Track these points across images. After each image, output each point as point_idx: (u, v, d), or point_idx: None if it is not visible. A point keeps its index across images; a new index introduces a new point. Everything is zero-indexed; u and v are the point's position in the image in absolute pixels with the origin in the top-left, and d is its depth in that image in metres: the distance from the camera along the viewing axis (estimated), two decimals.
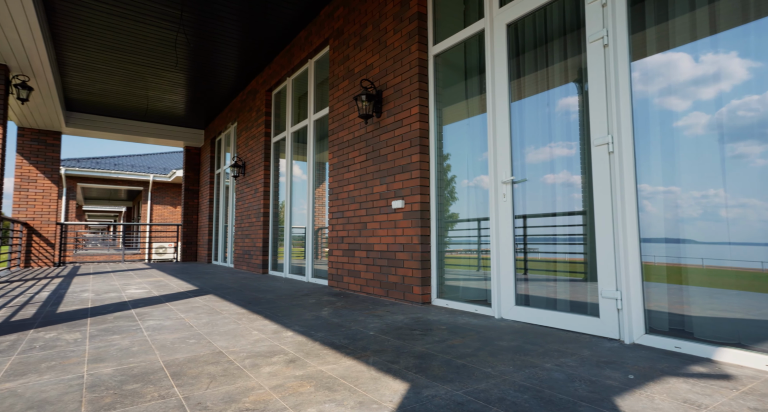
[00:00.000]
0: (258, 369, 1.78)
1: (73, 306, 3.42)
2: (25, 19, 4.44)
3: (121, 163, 16.63)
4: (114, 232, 22.95)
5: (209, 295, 4.07)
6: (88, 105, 8.33)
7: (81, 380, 1.65)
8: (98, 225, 14.59)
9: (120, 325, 2.68)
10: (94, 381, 1.64)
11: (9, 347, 2.15)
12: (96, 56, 6.17)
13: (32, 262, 8.23)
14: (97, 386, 1.59)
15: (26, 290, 4.50)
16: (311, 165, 5.49)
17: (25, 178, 8.23)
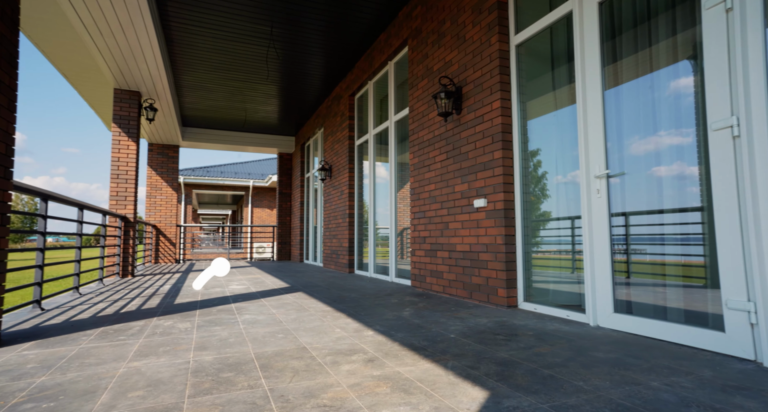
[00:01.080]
0: (338, 367, 1.82)
1: (187, 299, 3.88)
2: (151, 51, 5.15)
3: (226, 171, 18.51)
4: (222, 233, 25.65)
5: (299, 292, 4.32)
6: (198, 120, 9.42)
7: (187, 365, 1.85)
8: (210, 227, 16.53)
9: (221, 317, 2.96)
10: (197, 367, 1.82)
11: (138, 332, 2.50)
12: (203, 76, 6.94)
13: (160, 258, 9.53)
14: (200, 371, 1.76)
15: (154, 283, 5.21)
16: (393, 166, 5.55)
17: (153, 187, 9.56)
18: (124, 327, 2.64)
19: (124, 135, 6.10)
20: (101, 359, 1.95)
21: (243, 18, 5.13)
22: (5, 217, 2.41)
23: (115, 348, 2.15)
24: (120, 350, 2.12)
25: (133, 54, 5.22)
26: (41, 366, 1.87)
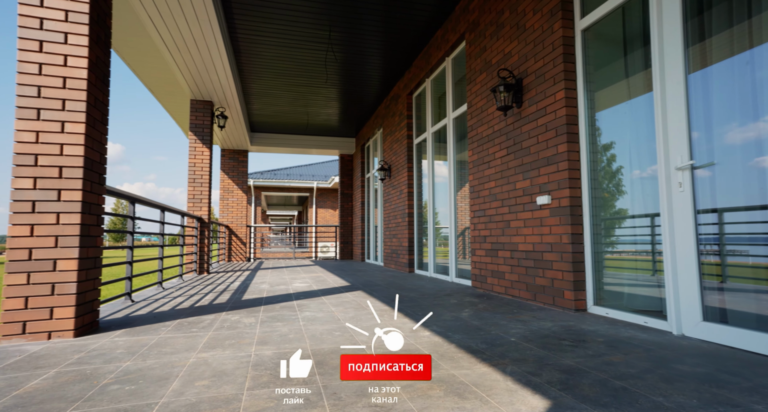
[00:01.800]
0: None
1: (254, 295, 4.09)
2: (221, 63, 5.52)
3: (291, 174, 19.37)
4: (290, 232, 26.89)
5: (358, 291, 4.38)
6: (264, 125, 9.94)
7: (249, 358, 1.94)
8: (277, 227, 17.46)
9: (283, 314, 3.08)
10: (258, 361, 1.90)
11: (208, 325, 2.68)
12: (268, 83, 7.30)
13: (232, 257, 10.20)
14: (259, 365, 1.83)
15: (226, 280, 5.58)
16: (452, 164, 5.44)
17: (226, 190, 10.26)
18: (197, 320, 2.84)
19: (199, 142, 6.60)
20: (175, 349, 2.11)
21: (303, 24, 5.31)
22: (100, 218, 2.70)
23: (188, 339, 2.31)
24: (192, 341, 2.28)
25: (205, 66, 5.63)
26: (127, 352, 2.06)
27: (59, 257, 2.40)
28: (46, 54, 2.50)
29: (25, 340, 2.33)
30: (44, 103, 2.46)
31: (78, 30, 2.55)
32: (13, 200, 2.39)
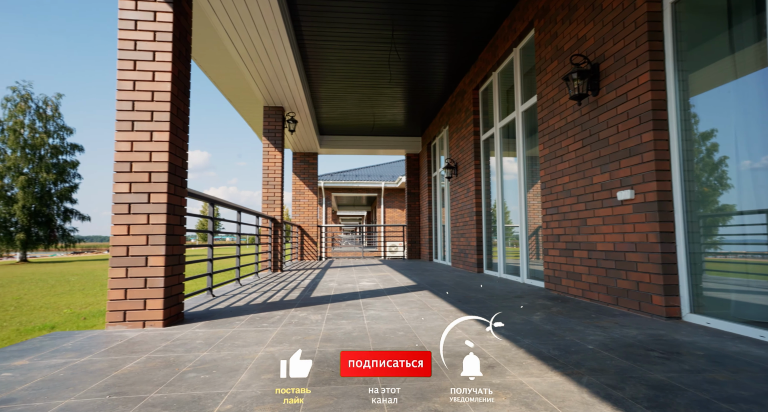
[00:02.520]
0: (455, 370, 1.74)
1: (322, 292, 4.22)
2: (290, 70, 5.79)
3: (360, 174, 19.79)
4: (359, 232, 27.52)
5: (424, 291, 4.33)
6: (332, 128, 10.25)
7: (313, 355, 1.98)
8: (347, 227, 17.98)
9: (349, 312, 3.12)
10: (321, 357, 1.93)
11: (278, 320, 2.80)
12: (334, 86, 7.51)
13: (304, 255, 10.67)
14: (322, 362, 1.87)
15: (297, 278, 5.83)
16: (522, 159, 5.17)
17: (297, 191, 10.76)
18: (268, 315, 2.98)
19: (272, 146, 6.98)
20: (246, 342, 2.23)
21: (366, 25, 5.38)
22: (183, 218, 2.95)
23: (258, 333, 2.43)
24: (262, 335, 2.39)
25: (276, 74, 5.93)
26: (205, 343, 2.22)
27: (150, 254, 2.65)
28: (139, 71, 2.78)
29: (126, 327, 2.61)
30: (137, 115, 2.74)
31: (163, 48, 2.81)
32: (114, 203, 2.69)
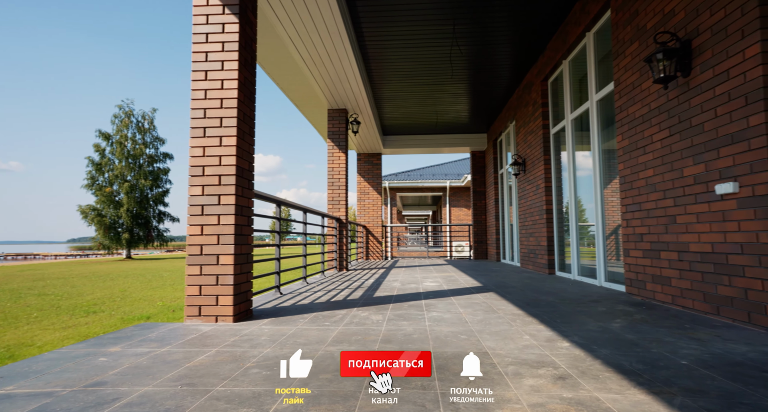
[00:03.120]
0: (520, 380, 1.61)
1: (385, 292, 4.21)
2: (352, 72, 5.88)
3: (425, 174, 19.66)
4: (425, 232, 27.38)
5: (490, 293, 4.14)
6: (395, 128, 10.27)
7: None
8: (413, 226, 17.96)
9: (410, 313, 3.07)
10: None
11: (339, 319, 2.83)
12: (396, 86, 7.50)
13: (370, 255, 10.81)
14: None
15: (361, 277, 5.90)
16: (597, 152, 4.76)
17: (362, 192, 10.93)
18: (330, 314, 3.02)
19: (336, 148, 7.15)
20: (308, 340, 2.26)
21: (426, 21, 5.29)
22: (250, 218, 3.10)
23: (320, 332, 2.46)
24: (323, 334, 2.41)
25: (338, 76, 6.06)
26: (269, 340, 2.29)
27: (221, 253, 2.81)
28: (209, 81, 2.96)
29: (201, 321, 2.79)
30: (208, 122, 2.92)
31: (231, 57, 2.96)
32: (190, 205, 2.88)
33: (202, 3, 3.00)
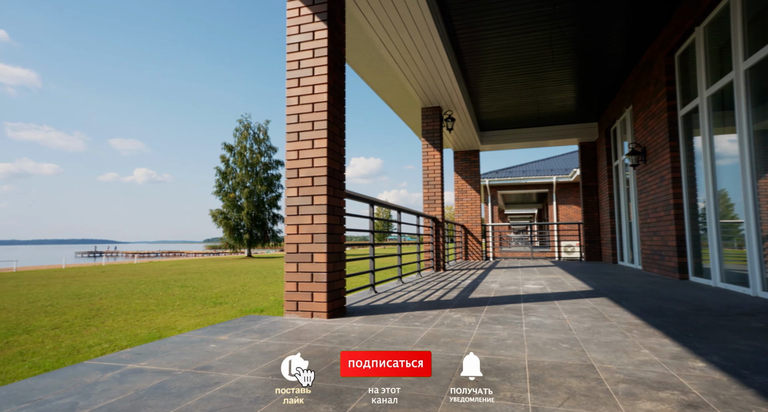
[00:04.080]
0: (633, 401, 1.35)
1: (481, 294, 4.00)
2: (444, 68, 5.76)
3: (528, 170, 18.51)
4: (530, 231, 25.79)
5: (602, 298, 3.68)
6: (493, 123, 9.82)
7: (459, 360, 1.84)
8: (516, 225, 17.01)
9: (506, 316, 2.85)
10: None
11: (430, 320, 2.75)
12: (491, 78, 7.15)
13: (469, 255, 10.50)
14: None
15: (458, 278, 5.73)
16: (746, 134, 3.93)
17: (460, 190, 10.67)
18: (421, 315, 2.95)
19: (431, 146, 7.07)
20: (396, 340, 2.23)
21: (521, 5, 4.93)
22: (342, 218, 3.19)
23: (409, 332, 2.41)
24: (411, 334, 2.36)
25: (430, 74, 5.98)
26: (358, 337, 2.31)
27: (315, 251, 2.93)
28: (302, 87, 3.12)
29: (298, 316, 2.94)
30: (301, 126, 3.07)
31: (320, 62, 3.08)
32: (287, 206, 3.07)
33: (295, 14, 3.18)
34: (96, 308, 8.15)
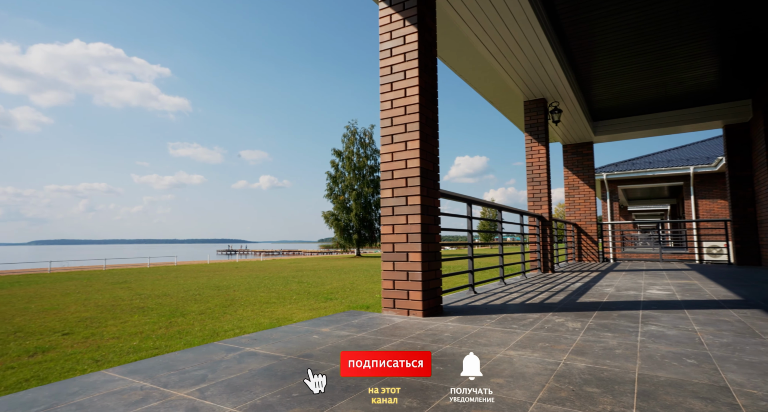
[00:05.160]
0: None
1: (591, 298, 3.66)
2: (546, 57, 5.40)
3: (655, 161, 16.25)
4: (660, 230, 22.55)
5: (754, 310, 3.08)
6: (608, 111, 8.84)
7: (555, 366, 1.72)
8: (643, 224, 14.96)
9: (618, 323, 2.57)
10: (563, 371, 1.65)
11: (529, 324, 2.61)
12: (604, 62, 6.46)
13: (583, 256, 9.62)
14: (563, 377, 1.59)
15: (567, 280, 5.30)
16: None
17: (571, 186, 9.84)
18: (521, 317, 2.82)
19: (535, 141, 6.66)
20: (489, 342, 2.17)
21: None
22: (437, 218, 3.20)
23: (504, 334, 2.33)
24: (506, 337, 2.27)
25: (532, 65, 5.65)
26: (451, 337, 2.31)
27: (409, 251, 3.00)
28: (394, 91, 3.22)
29: (395, 313, 3.04)
30: (394, 129, 3.17)
31: (411, 65, 3.14)
32: (382, 206, 3.19)
33: (386, 22, 3.29)
34: (231, 298, 9.41)
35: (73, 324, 6.64)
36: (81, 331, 6.10)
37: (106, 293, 10.83)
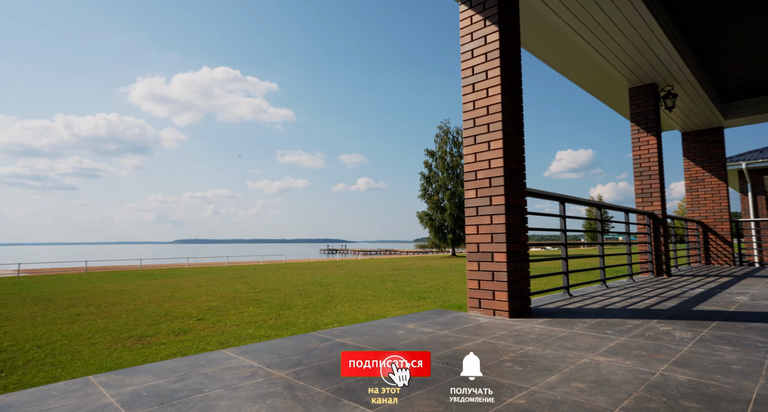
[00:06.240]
0: None
1: (712, 307, 3.22)
2: (655, 38, 4.83)
3: None
4: None
5: None
6: (744, 90, 7.55)
7: (649, 376, 1.61)
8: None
9: (743, 337, 2.25)
10: (659, 382, 1.54)
11: (627, 330, 2.42)
12: (733, 32, 5.56)
13: (711, 259, 8.35)
14: (656, 388, 1.48)
15: (685, 285, 4.70)
16: None
17: (693, 179, 8.62)
18: (618, 323, 2.62)
19: (643, 131, 6.01)
20: (576, 346, 2.08)
21: None
22: (523, 217, 3.12)
23: (595, 339, 2.20)
24: (597, 342, 2.15)
25: (637, 48, 5.12)
26: (536, 339, 2.26)
27: (494, 251, 2.97)
28: (476, 92, 3.22)
29: (480, 313, 3.04)
30: (477, 130, 3.17)
31: (493, 65, 3.12)
32: (466, 207, 3.21)
33: (467, 23, 3.31)
34: (331, 294, 10.09)
35: (204, 311, 7.76)
36: (210, 317, 7.10)
37: (228, 286, 12.40)
